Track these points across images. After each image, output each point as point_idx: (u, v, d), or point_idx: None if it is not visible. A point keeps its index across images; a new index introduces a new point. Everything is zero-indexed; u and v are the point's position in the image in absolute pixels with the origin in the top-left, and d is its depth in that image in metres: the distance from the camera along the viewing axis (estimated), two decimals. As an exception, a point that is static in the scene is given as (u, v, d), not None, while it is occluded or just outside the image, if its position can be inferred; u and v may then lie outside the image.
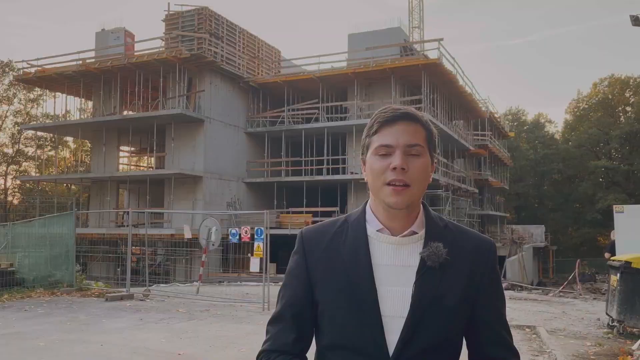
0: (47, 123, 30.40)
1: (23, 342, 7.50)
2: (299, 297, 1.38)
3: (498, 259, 1.50)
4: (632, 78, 50.57)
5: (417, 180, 1.30)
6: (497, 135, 42.02)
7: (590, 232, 49.21)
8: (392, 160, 1.29)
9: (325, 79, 27.03)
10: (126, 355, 6.89)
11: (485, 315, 1.35)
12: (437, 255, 1.29)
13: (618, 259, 9.25)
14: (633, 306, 8.65)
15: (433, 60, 25.26)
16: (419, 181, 1.31)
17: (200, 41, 25.51)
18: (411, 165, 1.29)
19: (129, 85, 26.92)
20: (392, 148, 1.30)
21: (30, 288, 12.53)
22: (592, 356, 7.44)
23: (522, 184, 53.41)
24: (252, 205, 27.74)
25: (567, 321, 10.77)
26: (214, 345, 7.61)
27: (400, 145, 1.30)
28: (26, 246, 13.36)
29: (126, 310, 10.68)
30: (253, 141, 28.93)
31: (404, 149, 1.30)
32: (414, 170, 1.30)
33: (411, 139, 1.31)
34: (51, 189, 35.36)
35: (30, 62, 28.74)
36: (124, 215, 26.93)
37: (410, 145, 1.31)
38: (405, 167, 1.28)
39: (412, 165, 1.30)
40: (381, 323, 1.27)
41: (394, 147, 1.30)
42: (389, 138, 1.31)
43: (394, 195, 1.29)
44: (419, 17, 37.03)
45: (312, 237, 1.42)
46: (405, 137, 1.31)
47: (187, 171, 24.60)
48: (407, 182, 1.29)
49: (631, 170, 46.99)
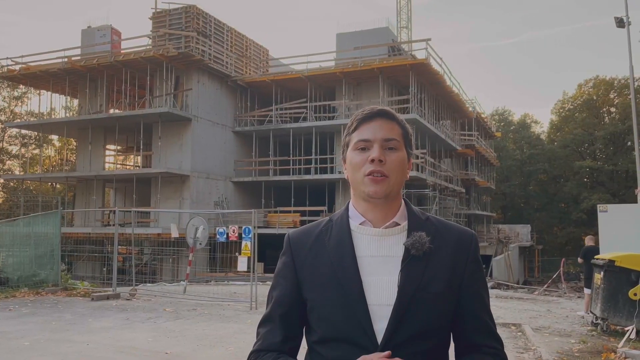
0: (31, 121, 30.09)
1: (8, 342, 7.41)
2: (288, 297, 1.42)
3: (483, 258, 1.55)
4: (617, 79, 51.21)
5: (395, 172, 1.38)
6: (484, 136, 42.33)
7: (575, 232, 49.74)
8: (370, 154, 1.37)
9: (313, 78, 27.04)
10: (113, 355, 6.85)
11: (470, 304, 1.38)
12: (420, 244, 1.33)
13: (602, 257, 9.38)
14: (616, 304, 8.78)
15: (421, 60, 25.39)
16: (396, 172, 1.38)
17: (187, 39, 25.38)
18: (388, 158, 1.37)
19: (116, 83, 26.71)
20: (370, 142, 1.38)
21: (15, 288, 12.38)
22: (577, 353, 7.54)
23: (508, 184, 53.88)
24: (239, 204, 27.66)
25: (552, 319, 10.91)
26: (202, 344, 7.59)
27: (378, 139, 1.38)
28: (10, 245, 13.20)
29: (112, 310, 10.60)
30: (241, 140, 28.85)
31: (382, 143, 1.38)
32: (391, 162, 1.37)
33: (388, 133, 1.39)
34: (36, 187, 35.00)
35: (15, 60, 28.39)
36: (110, 215, 26.72)
37: (387, 139, 1.39)
38: (382, 159, 1.36)
39: (389, 158, 1.37)
40: (368, 312, 1.30)
41: (372, 141, 1.38)
42: (367, 133, 1.40)
43: (372, 184, 1.36)
44: (407, 17, 37.21)
45: (299, 238, 1.47)
46: (382, 132, 1.39)
47: (174, 170, 24.46)
48: (385, 173, 1.36)
49: (615, 170, 47.60)
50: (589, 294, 10.49)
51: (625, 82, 48.93)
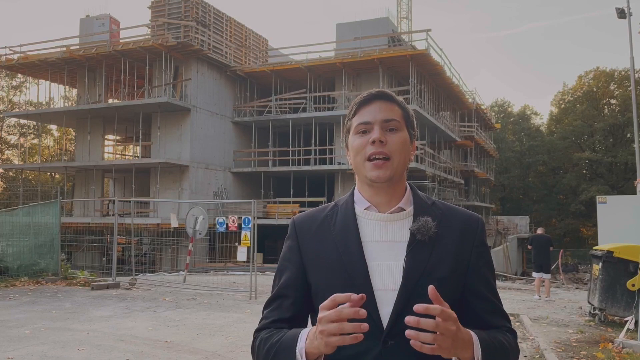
0: (30, 110, 29.95)
1: (8, 330, 7.44)
2: (293, 280, 1.41)
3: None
4: (617, 71, 51.11)
5: (397, 152, 1.36)
6: (483, 127, 42.30)
7: (573, 223, 49.90)
8: (371, 136, 1.35)
9: (312, 68, 26.94)
10: (113, 343, 6.88)
11: (478, 287, 1.38)
12: (426, 229, 1.33)
13: (600, 248, 9.41)
14: (614, 295, 8.82)
15: (421, 51, 25.29)
16: (399, 153, 1.36)
17: (186, 29, 25.24)
18: (389, 139, 1.35)
19: (114, 73, 26.58)
20: (370, 124, 1.37)
21: (15, 277, 12.41)
22: (574, 343, 7.59)
23: (507, 176, 53.92)
24: (239, 195, 27.66)
25: (549, 309, 10.96)
26: (201, 333, 7.62)
27: (378, 121, 1.36)
28: (10, 235, 13.19)
29: (112, 299, 10.64)
30: (240, 131, 28.79)
31: (382, 124, 1.36)
32: (393, 143, 1.35)
33: (388, 114, 1.38)
34: (34, 177, 34.93)
35: (13, 49, 28.25)
36: (109, 205, 26.72)
37: (387, 120, 1.37)
38: (383, 140, 1.34)
39: (390, 139, 1.36)
40: (374, 297, 1.30)
41: (372, 124, 1.37)
42: (367, 115, 1.38)
43: (375, 169, 1.34)
44: (407, 8, 37.02)
45: (304, 222, 1.46)
46: (381, 113, 1.37)
47: (173, 160, 24.43)
48: (387, 154, 1.34)
49: (614, 162, 47.63)
50: (539, 277, 12.70)
51: (625, 73, 48.82)
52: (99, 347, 6.63)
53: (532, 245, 12.98)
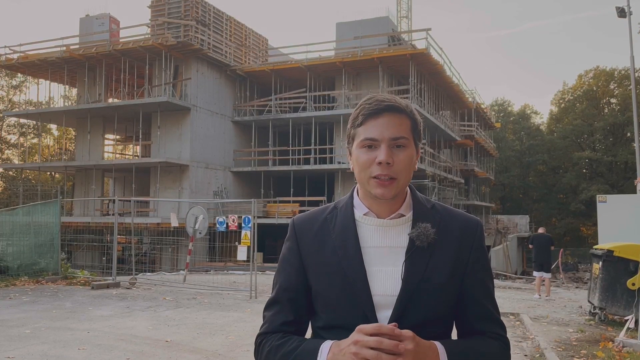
0: (30, 110, 29.95)
1: (9, 330, 7.44)
2: (293, 282, 1.41)
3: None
4: (617, 70, 51.09)
5: (403, 172, 1.33)
6: (483, 126, 42.29)
7: (573, 223, 49.90)
8: (377, 154, 1.31)
9: (312, 68, 26.94)
10: (113, 342, 6.88)
11: (473, 291, 1.38)
12: (425, 235, 1.32)
13: (600, 247, 9.41)
14: (614, 294, 8.82)
15: (421, 50, 25.29)
16: (405, 173, 1.34)
17: (186, 28, 25.23)
18: (396, 159, 1.32)
19: (114, 72, 26.57)
20: (377, 142, 1.32)
21: (15, 276, 12.41)
22: (574, 342, 7.59)
23: (507, 175, 53.91)
24: (239, 194, 27.66)
25: (550, 309, 10.96)
26: (202, 333, 7.62)
27: (386, 139, 1.31)
28: (10, 234, 13.19)
29: (112, 299, 10.64)
30: (240, 130, 28.79)
31: (389, 142, 1.32)
32: (399, 163, 1.32)
33: (396, 132, 1.32)
34: (34, 177, 34.92)
35: (13, 48, 28.24)
36: (109, 204, 26.71)
37: (395, 138, 1.32)
38: (390, 161, 1.30)
39: (397, 159, 1.32)
40: (372, 302, 1.30)
41: (379, 141, 1.32)
42: (374, 131, 1.32)
43: (380, 187, 1.32)
44: (407, 7, 37.02)
45: (304, 223, 1.46)
46: (390, 130, 1.32)
47: (173, 160, 24.43)
48: (392, 175, 1.31)
49: (614, 161, 47.62)
50: (540, 277, 12.78)
51: (625, 72, 48.81)
52: (99, 347, 6.64)
53: (533, 245, 13.08)
